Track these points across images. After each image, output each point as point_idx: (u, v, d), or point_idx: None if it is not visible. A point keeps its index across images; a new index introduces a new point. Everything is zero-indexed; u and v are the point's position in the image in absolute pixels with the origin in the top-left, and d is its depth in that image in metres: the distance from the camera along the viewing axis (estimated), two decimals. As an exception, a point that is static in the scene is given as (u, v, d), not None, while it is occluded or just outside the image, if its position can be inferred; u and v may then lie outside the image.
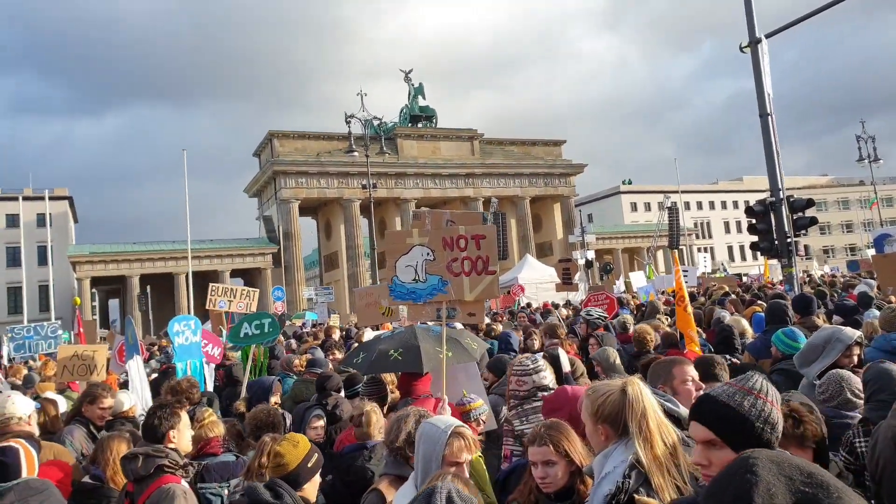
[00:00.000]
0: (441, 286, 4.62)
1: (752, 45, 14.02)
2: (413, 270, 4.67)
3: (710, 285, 20.07)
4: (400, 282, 4.71)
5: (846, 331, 4.06)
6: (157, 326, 39.56)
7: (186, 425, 3.84)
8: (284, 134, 53.99)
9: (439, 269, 4.60)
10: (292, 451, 3.07)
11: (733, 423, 1.76)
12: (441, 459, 2.69)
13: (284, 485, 2.92)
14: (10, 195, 55.51)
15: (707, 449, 1.80)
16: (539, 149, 64.48)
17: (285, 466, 3.03)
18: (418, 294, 4.68)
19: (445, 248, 4.61)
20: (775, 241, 12.98)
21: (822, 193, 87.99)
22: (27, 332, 15.05)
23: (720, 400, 1.80)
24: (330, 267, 59.86)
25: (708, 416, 1.80)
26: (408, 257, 4.68)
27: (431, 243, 4.64)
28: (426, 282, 4.65)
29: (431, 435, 2.78)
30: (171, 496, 3.15)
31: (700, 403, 1.88)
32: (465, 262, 4.58)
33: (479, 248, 4.57)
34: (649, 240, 61.47)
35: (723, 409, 1.78)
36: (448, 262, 4.60)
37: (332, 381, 5.57)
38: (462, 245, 4.58)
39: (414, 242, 4.68)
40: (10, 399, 4.22)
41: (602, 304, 11.41)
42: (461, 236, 4.59)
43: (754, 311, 8.91)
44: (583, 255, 37.57)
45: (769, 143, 13.75)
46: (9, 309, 53.02)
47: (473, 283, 4.57)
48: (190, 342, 8.59)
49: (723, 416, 1.78)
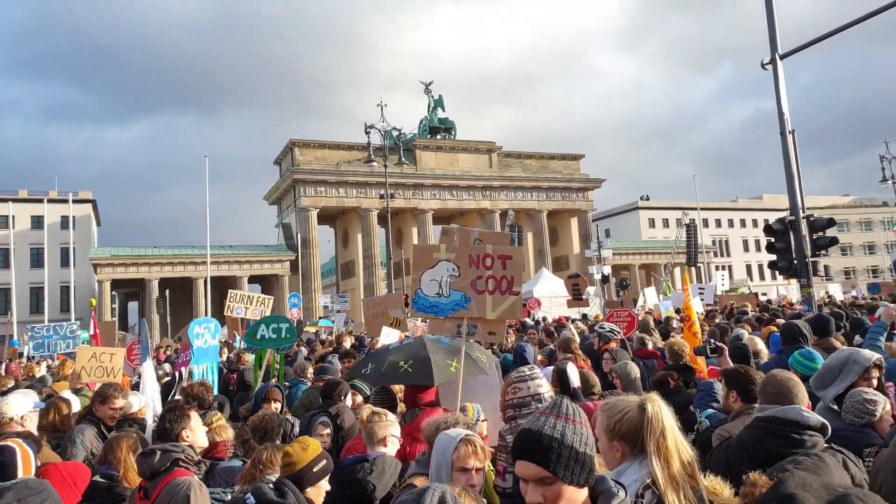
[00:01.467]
0: (464, 303, 4.64)
1: (775, 62, 13.92)
2: (437, 285, 4.70)
3: (730, 303, 19.85)
4: (423, 295, 4.73)
5: (864, 353, 3.97)
6: (174, 330, 39.92)
7: (198, 423, 3.90)
8: (305, 143, 54.51)
9: (463, 286, 4.63)
10: (300, 453, 3.12)
11: (558, 451, 1.75)
12: (451, 466, 2.69)
13: (290, 484, 2.97)
14: (35, 197, 56.59)
15: (539, 486, 1.76)
16: (557, 163, 64.38)
17: (292, 466, 3.08)
18: (441, 308, 4.70)
19: (471, 266, 4.63)
20: (794, 260, 12.80)
21: (845, 214, 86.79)
22: (47, 332, 15.29)
23: (536, 431, 1.78)
24: (346, 275, 60.09)
25: (533, 450, 1.77)
26: (433, 271, 4.70)
27: (458, 260, 4.66)
28: (449, 297, 4.67)
29: (442, 443, 2.79)
30: (186, 487, 3.22)
31: (520, 440, 1.83)
32: (490, 280, 4.60)
33: (505, 268, 4.58)
34: (667, 256, 61.05)
35: (545, 440, 1.76)
36: (473, 279, 4.62)
37: (339, 389, 5.56)
38: (488, 264, 4.61)
39: (441, 257, 4.71)
40: (4, 400, 4.27)
41: (623, 321, 11.33)
42: (488, 255, 4.62)
43: (771, 330, 8.78)
44: (599, 270, 37.33)
45: (789, 161, 13.60)
46: (31, 308, 53.84)
47: (496, 302, 4.58)
48: (209, 345, 8.63)
49: (546, 446, 1.76)
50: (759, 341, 7.28)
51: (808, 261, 12.65)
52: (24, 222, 56.55)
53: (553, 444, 1.77)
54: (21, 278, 51.02)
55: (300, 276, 51.82)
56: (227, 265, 52.52)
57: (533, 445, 1.79)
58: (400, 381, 5.08)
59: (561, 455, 1.76)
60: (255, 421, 4.68)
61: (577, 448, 1.78)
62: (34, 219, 56.52)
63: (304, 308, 38.76)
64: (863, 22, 13.15)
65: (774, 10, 13.91)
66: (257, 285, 59.68)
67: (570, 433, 1.79)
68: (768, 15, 13.98)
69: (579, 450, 1.78)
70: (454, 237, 5.10)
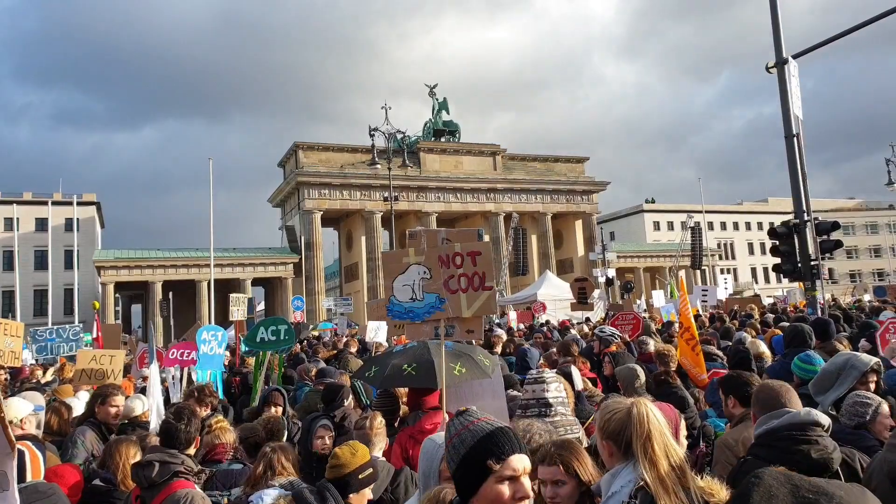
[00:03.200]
0: (438, 304, 4.61)
1: (779, 65, 13.90)
2: (410, 290, 4.68)
3: (735, 307, 19.79)
4: (398, 301, 4.72)
5: (862, 357, 3.94)
6: (177, 333, 39.97)
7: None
8: (309, 145, 54.60)
9: (436, 287, 4.60)
10: (349, 458, 3.10)
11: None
12: (438, 475, 2.67)
13: (332, 489, 2.94)
14: (39, 199, 56.82)
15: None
16: (561, 165, 64.32)
17: (339, 469, 3.06)
18: (416, 313, 4.68)
19: (442, 266, 4.60)
20: (798, 263, 12.76)
21: (850, 217, 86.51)
22: (49, 335, 15.29)
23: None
24: (350, 278, 60.13)
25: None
26: (404, 276, 4.68)
27: (427, 262, 4.64)
28: (423, 300, 4.65)
29: (428, 450, 2.76)
30: (189, 501, 3.17)
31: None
32: (462, 278, 4.56)
33: (476, 265, 4.55)
34: (671, 259, 60.90)
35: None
36: (445, 279, 4.60)
37: (341, 393, 5.56)
38: (458, 262, 4.57)
39: (410, 262, 4.69)
40: (3, 403, 4.25)
41: (629, 324, 11.36)
42: (457, 253, 4.58)
43: (775, 333, 8.76)
44: (603, 273, 37.31)
45: (794, 164, 13.56)
46: (35, 311, 54.02)
47: (471, 299, 4.56)
48: (214, 352, 8.65)
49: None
50: (761, 344, 7.26)
51: (814, 264, 12.61)
52: (29, 224, 56.79)
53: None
54: (25, 280, 51.25)
55: (303, 279, 51.87)
56: (231, 268, 52.60)
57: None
58: (404, 384, 5.09)
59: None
60: (259, 424, 4.70)
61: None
62: (38, 221, 56.75)
63: (307, 311, 38.82)
64: (866, 26, 13.13)
65: (780, 16, 13.91)
66: (261, 288, 59.81)
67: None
68: (773, 20, 13.97)
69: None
70: (422, 240, 5.10)
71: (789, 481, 1.36)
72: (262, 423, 4.58)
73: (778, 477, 1.37)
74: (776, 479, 1.37)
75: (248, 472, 3.94)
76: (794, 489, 1.34)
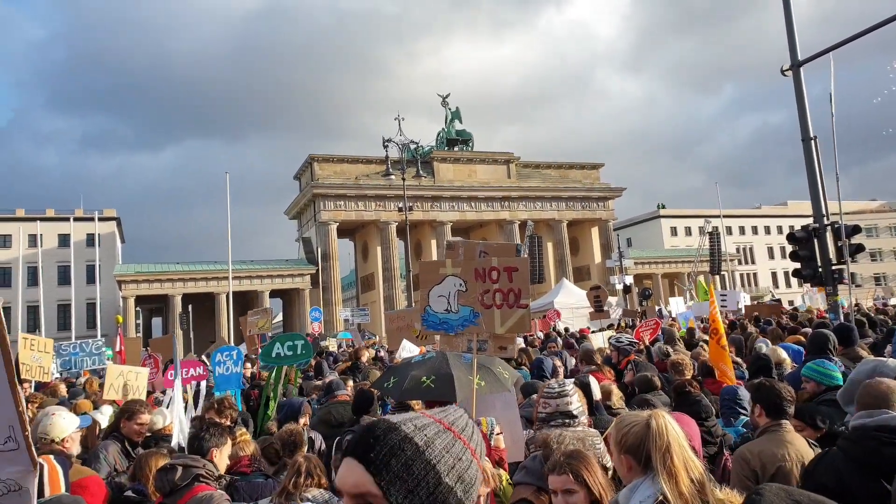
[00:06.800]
0: (472, 318, 4.56)
1: (794, 68, 13.79)
2: (445, 301, 4.64)
3: (755, 314, 19.54)
4: (433, 311, 4.69)
5: (889, 363, 3.89)
6: (197, 345, 40.30)
7: (228, 448, 3.93)
8: (324, 158, 55.01)
9: (471, 301, 4.54)
10: None
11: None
12: None
13: None
14: (62, 216, 57.79)
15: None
16: (576, 172, 64.12)
17: None
18: (450, 325, 4.64)
19: (477, 280, 4.54)
20: (819, 268, 12.59)
21: (873, 219, 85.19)
22: (73, 349, 15.51)
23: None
24: (366, 288, 60.31)
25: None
26: (440, 287, 4.64)
27: (464, 274, 4.59)
28: (458, 312, 4.61)
29: None
30: (209, 500, 3.21)
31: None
32: (497, 294, 4.49)
33: (512, 281, 4.47)
34: (690, 265, 60.33)
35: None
36: (480, 293, 4.54)
37: (374, 401, 5.56)
38: (494, 277, 4.51)
39: (447, 273, 4.65)
40: (48, 421, 4.21)
41: (648, 328, 11.49)
42: (494, 268, 4.51)
43: (798, 339, 8.65)
44: (620, 280, 37.08)
45: (812, 167, 13.42)
46: (58, 326, 54.81)
47: (504, 316, 4.49)
48: (231, 372, 8.73)
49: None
50: (781, 351, 7.17)
51: (834, 268, 12.44)
52: (52, 240, 57.69)
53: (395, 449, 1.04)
54: (49, 295, 52.02)
55: (321, 290, 52.12)
56: (249, 280, 53.00)
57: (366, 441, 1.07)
58: (422, 397, 5.06)
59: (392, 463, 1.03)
60: (283, 435, 4.65)
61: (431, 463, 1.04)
62: (61, 237, 57.65)
63: (324, 321, 38.99)
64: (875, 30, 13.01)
65: (793, 18, 13.83)
66: (279, 299, 60.17)
67: (438, 444, 1.07)
68: (787, 22, 13.89)
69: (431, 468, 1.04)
70: (459, 251, 5.07)
71: (790, 497, 1.43)
72: (284, 435, 4.59)
73: (779, 493, 1.45)
74: (777, 494, 1.45)
75: (271, 484, 3.97)
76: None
